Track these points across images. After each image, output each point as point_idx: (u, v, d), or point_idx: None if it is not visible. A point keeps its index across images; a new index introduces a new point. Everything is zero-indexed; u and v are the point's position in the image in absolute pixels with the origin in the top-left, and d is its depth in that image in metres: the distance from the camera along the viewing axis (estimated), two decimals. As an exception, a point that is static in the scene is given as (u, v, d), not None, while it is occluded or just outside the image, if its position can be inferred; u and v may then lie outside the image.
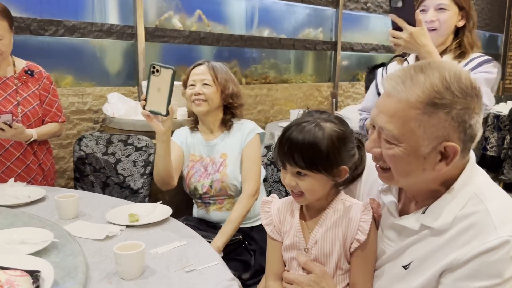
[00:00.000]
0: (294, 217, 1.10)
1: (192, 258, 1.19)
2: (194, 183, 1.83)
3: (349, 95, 4.98)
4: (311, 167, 0.98)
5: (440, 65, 0.86)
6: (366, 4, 4.86)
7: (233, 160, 1.80)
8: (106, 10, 3.05)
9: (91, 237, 1.29)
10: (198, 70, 1.81)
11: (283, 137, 1.01)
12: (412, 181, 0.92)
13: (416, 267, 0.91)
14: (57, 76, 2.86)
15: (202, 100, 1.76)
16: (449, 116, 0.82)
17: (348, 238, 1.02)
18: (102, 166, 2.31)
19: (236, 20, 3.82)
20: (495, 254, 0.80)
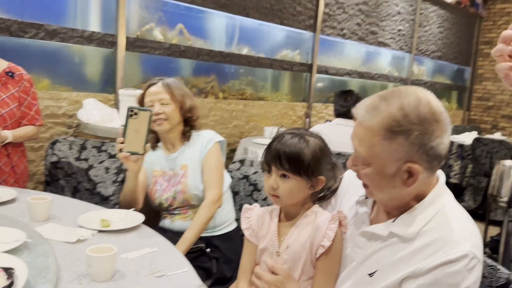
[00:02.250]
0: (272, 223, 1.19)
1: (162, 264, 1.22)
2: (158, 198, 1.87)
3: (322, 116, 5.12)
4: (295, 171, 1.11)
5: (402, 93, 0.96)
6: (342, 30, 5.05)
7: (193, 171, 1.84)
8: (88, 17, 3.07)
9: (62, 239, 1.31)
10: (154, 89, 1.82)
11: (273, 143, 1.14)
12: (387, 196, 1.01)
13: (380, 276, 0.99)
14: (34, 78, 2.82)
15: (163, 119, 1.78)
16: (407, 141, 0.92)
17: (315, 244, 1.11)
18: (73, 171, 2.30)
19: (217, 37, 3.91)
20: (455, 266, 0.89)
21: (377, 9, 5.46)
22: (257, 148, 3.40)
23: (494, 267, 1.04)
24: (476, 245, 0.92)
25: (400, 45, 5.97)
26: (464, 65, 7.44)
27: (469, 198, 4.88)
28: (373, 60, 5.76)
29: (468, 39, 7.33)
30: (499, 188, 2.74)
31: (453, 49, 7.08)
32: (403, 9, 5.87)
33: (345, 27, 5.09)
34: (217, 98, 3.95)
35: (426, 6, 6.27)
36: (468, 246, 0.90)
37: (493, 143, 4.48)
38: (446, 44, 6.89)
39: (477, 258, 0.90)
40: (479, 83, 7.54)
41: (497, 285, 1.02)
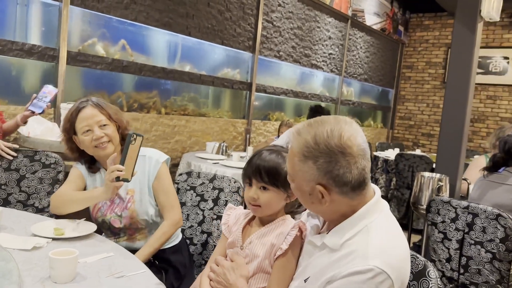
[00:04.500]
0: (243, 222, 1.34)
1: (121, 267, 1.29)
2: (102, 216, 1.80)
3: (260, 133, 5.33)
4: (273, 183, 1.25)
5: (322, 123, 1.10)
6: (278, 52, 5.34)
7: (141, 195, 1.78)
8: (28, 30, 3.03)
9: (18, 247, 1.33)
10: (87, 113, 1.70)
11: (253, 158, 1.28)
12: (314, 210, 1.16)
13: (311, 282, 1.12)
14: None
15: (106, 142, 1.70)
16: (315, 165, 1.07)
17: (276, 246, 1.24)
18: (3, 182, 2.16)
19: (160, 53, 3.98)
20: (360, 277, 1.01)
21: (310, 33, 5.83)
22: (200, 162, 3.50)
23: (415, 256, 1.23)
24: (389, 263, 1.00)
25: (331, 67, 6.39)
26: (388, 87, 8.08)
27: (394, 209, 5.30)
28: (307, 81, 6.11)
29: (391, 63, 8.00)
30: (420, 197, 3.06)
31: (378, 72, 7.68)
32: (333, 35, 6.31)
33: (281, 49, 5.38)
34: (160, 114, 4.01)
35: (354, 32, 6.79)
36: (377, 262, 0.99)
37: (414, 158, 4.94)
38: (371, 68, 7.47)
39: (385, 274, 0.98)
40: (401, 104, 8.22)
41: (416, 270, 1.21)
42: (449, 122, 3.41)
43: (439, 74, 7.73)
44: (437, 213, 2.33)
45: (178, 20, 3.97)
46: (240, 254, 1.28)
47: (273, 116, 5.63)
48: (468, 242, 2.22)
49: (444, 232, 2.30)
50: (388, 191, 5.34)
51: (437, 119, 7.73)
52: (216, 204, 2.12)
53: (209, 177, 2.17)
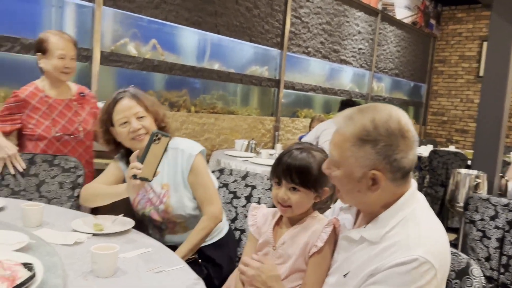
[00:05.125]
0: (272, 221, 1.31)
1: (159, 262, 1.31)
2: (141, 209, 1.80)
3: (289, 130, 5.31)
4: (304, 184, 1.22)
5: (377, 109, 1.09)
6: (307, 48, 5.30)
7: (176, 190, 1.74)
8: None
9: (60, 242, 1.37)
10: (124, 105, 1.68)
11: (283, 158, 1.25)
12: (354, 200, 1.13)
13: (351, 277, 1.10)
14: (9, 91, 2.85)
15: (143, 134, 1.67)
16: (374, 150, 1.05)
17: (309, 244, 1.22)
18: (22, 188, 2.14)
19: (189, 52, 4.02)
20: (404, 268, 0.99)
21: (339, 28, 5.76)
22: (230, 160, 3.51)
23: (456, 254, 1.20)
24: (431, 252, 0.99)
25: (361, 63, 6.30)
26: (420, 82, 7.90)
27: (427, 207, 5.17)
28: (336, 77, 6.04)
29: (423, 58, 7.82)
30: (456, 195, 2.98)
31: (409, 67, 7.52)
32: (363, 29, 6.22)
33: (310, 45, 5.33)
34: (189, 112, 4.05)
35: (385, 26, 6.66)
36: (420, 251, 0.98)
37: (448, 154, 4.81)
38: (402, 62, 7.32)
39: (429, 263, 0.97)
40: (434, 99, 8.02)
41: (459, 268, 1.18)
42: (486, 118, 3.30)
43: (473, 68, 7.49)
44: (475, 210, 2.25)
45: (207, 18, 4.00)
46: (273, 254, 1.27)
47: (301, 113, 5.60)
48: (509, 240, 2.14)
49: (483, 230, 2.23)
50: (421, 189, 5.22)
51: (471, 114, 7.50)
52: (249, 201, 2.12)
53: (242, 175, 2.17)
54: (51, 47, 2.17)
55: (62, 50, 2.17)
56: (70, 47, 2.21)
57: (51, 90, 2.26)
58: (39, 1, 2.96)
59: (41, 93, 2.22)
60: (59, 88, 2.28)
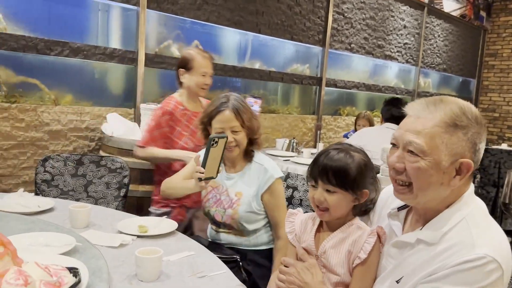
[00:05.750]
0: (313, 229, 1.26)
1: (202, 266, 1.31)
2: (208, 207, 1.86)
3: (331, 128, 5.22)
4: (341, 186, 1.16)
5: (453, 99, 1.05)
6: (350, 44, 5.18)
7: (247, 201, 1.79)
8: (109, 35, 3.20)
9: (105, 244, 1.39)
10: (224, 116, 1.76)
11: (319, 158, 1.20)
12: (428, 196, 1.04)
13: (405, 281, 1.04)
14: (58, 94, 2.97)
15: (233, 146, 1.77)
16: (465, 137, 0.99)
17: (353, 254, 1.17)
18: (71, 188, 2.21)
19: (230, 52, 4.03)
20: (469, 265, 0.93)
21: (384, 23, 5.59)
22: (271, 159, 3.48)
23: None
24: (498, 252, 0.94)
25: (406, 58, 6.08)
26: (469, 77, 7.54)
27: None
28: (380, 73, 5.87)
29: (473, 52, 7.45)
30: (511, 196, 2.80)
31: (458, 62, 7.19)
32: (408, 23, 6.00)
33: (353, 41, 5.21)
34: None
35: (431, 20, 6.40)
36: (485, 250, 0.93)
37: (501, 153, 4.55)
38: (451, 57, 7.00)
39: (496, 262, 0.92)
40: (485, 95, 7.63)
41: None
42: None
43: (528, 61, 7.06)
44: (534, 215, 2.10)
45: (248, 18, 3.99)
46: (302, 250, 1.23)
47: (344, 111, 5.49)
48: None
49: (543, 236, 2.08)
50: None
51: (526, 110, 7.08)
52: (290, 203, 2.09)
53: (283, 176, 2.14)
54: (196, 65, 2.33)
55: (205, 68, 2.34)
56: (210, 65, 2.38)
57: (188, 104, 2.39)
58: (86, 5, 3.06)
59: (180, 106, 2.36)
60: (195, 102, 2.43)
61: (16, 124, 2.74)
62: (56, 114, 2.90)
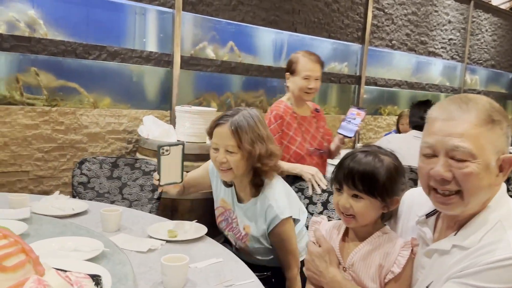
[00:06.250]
0: (338, 238, 1.18)
1: (229, 274, 1.27)
2: (222, 229, 1.77)
3: (371, 128, 5.06)
4: (368, 191, 1.07)
5: (475, 95, 0.99)
6: (391, 41, 5.00)
7: (256, 239, 1.63)
8: (146, 38, 3.23)
9: (134, 249, 1.38)
10: (221, 131, 1.56)
11: (345, 161, 1.11)
12: (477, 200, 0.96)
13: (435, 285, 0.98)
14: (97, 97, 3.03)
15: (226, 168, 1.57)
16: (502, 131, 0.94)
17: (384, 268, 1.08)
18: (106, 190, 2.24)
19: (266, 52, 3.99)
20: (504, 263, 0.88)
21: (427, 18, 5.36)
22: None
23: None
24: None
25: (451, 54, 5.81)
26: (520, 73, 7.12)
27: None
28: (424, 70, 5.64)
29: (524, 46, 7.03)
30: None
31: (508, 57, 6.79)
32: (454, 18, 5.72)
33: (394, 37, 5.03)
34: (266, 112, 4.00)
35: (478, 14, 6.08)
36: None
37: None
38: (500, 52, 6.63)
39: None
40: (538, 91, 7.17)
41: None
42: None
43: None
44: None
45: (284, 17, 3.93)
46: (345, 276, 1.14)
47: (384, 110, 5.31)
48: None
49: None
50: None
51: None
52: (326, 208, 2.01)
53: (318, 179, 2.06)
54: (299, 68, 2.23)
55: (308, 71, 2.22)
56: (317, 68, 2.25)
57: (297, 108, 2.31)
58: (123, 10, 3.10)
59: (290, 110, 2.27)
60: (302, 106, 2.35)
61: (56, 127, 2.82)
62: (94, 117, 2.97)
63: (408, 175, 2.64)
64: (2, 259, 0.78)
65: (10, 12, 2.61)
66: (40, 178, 2.80)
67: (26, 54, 2.67)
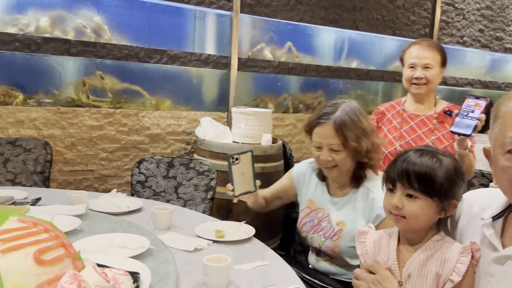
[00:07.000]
0: (391, 247, 1.10)
1: (274, 278, 1.22)
2: (305, 232, 1.66)
3: (440, 131, 4.76)
4: (425, 191, 1.00)
5: None
6: (462, 38, 4.68)
7: (351, 235, 1.47)
8: (204, 41, 3.29)
9: (181, 248, 1.38)
10: (323, 131, 1.47)
11: (400, 158, 1.05)
12: None
13: None
14: (158, 100, 3.13)
15: (331, 166, 1.50)
16: None
17: (442, 277, 1.00)
18: (162, 189, 2.30)
19: (325, 52, 3.89)
20: None
21: (503, 12, 4.95)
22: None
23: None
24: None
25: (533, 50, 5.32)
26: None
27: None
28: (499, 68, 5.21)
29: None
30: None
31: None
32: (535, 10, 5.24)
33: (466, 34, 4.70)
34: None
35: None
36: None
37: None
38: None
39: None
40: None
41: None
42: None
43: None
44: None
45: (344, 15, 3.81)
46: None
47: (455, 111, 4.97)
48: None
49: None
50: None
51: None
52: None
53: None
54: (405, 57, 2.01)
55: (413, 59, 1.95)
56: (426, 54, 1.95)
57: (410, 104, 2.07)
58: (184, 14, 3.18)
59: (399, 107, 2.09)
60: (419, 103, 2.05)
61: (120, 128, 2.94)
62: (155, 118, 3.06)
63: (479, 180, 2.44)
64: (42, 253, 0.80)
65: (78, 19, 2.77)
66: (105, 177, 2.93)
67: (92, 58, 2.82)
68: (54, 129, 2.73)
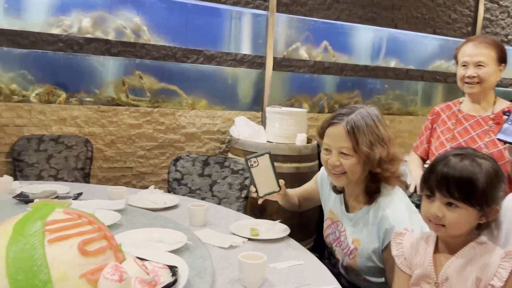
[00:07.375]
0: (428, 250, 1.07)
1: (310, 278, 1.21)
2: (330, 243, 1.57)
3: (482, 132, 4.59)
4: (466, 199, 0.97)
5: None
6: (506, 36, 4.49)
7: (367, 255, 1.39)
8: (240, 41, 3.30)
9: (216, 244, 1.39)
10: (334, 132, 1.37)
11: (438, 165, 1.01)
12: None
13: None
14: (194, 99, 3.17)
15: (339, 173, 1.38)
16: None
17: (483, 282, 0.97)
18: (197, 187, 2.33)
19: (362, 51, 3.83)
20: None
21: (552, 8, 4.72)
22: (406, 166, 3.18)
23: None
24: None
25: None
26: None
27: None
28: (548, 67, 4.97)
29: None
30: None
31: None
32: None
33: (511, 32, 4.51)
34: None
35: None
36: None
37: None
38: None
39: None
40: None
41: None
42: None
43: None
44: None
45: (382, 13, 3.74)
46: None
47: (498, 112, 4.77)
48: None
49: None
50: None
51: None
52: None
53: (415, 184, 1.90)
54: (459, 55, 1.91)
55: (465, 57, 1.85)
56: (479, 52, 1.83)
57: (466, 104, 1.97)
58: (220, 14, 3.21)
59: (455, 107, 2.00)
60: (475, 103, 1.93)
61: (157, 127, 3.00)
62: (191, 117, 3.11)
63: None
64: (86, 244, 0.83)
65: (118, 20, 2.85)
66: (142, 174, 3.00)
67: (131, 58, 2.90)
68: (94, 127, 2.82)
